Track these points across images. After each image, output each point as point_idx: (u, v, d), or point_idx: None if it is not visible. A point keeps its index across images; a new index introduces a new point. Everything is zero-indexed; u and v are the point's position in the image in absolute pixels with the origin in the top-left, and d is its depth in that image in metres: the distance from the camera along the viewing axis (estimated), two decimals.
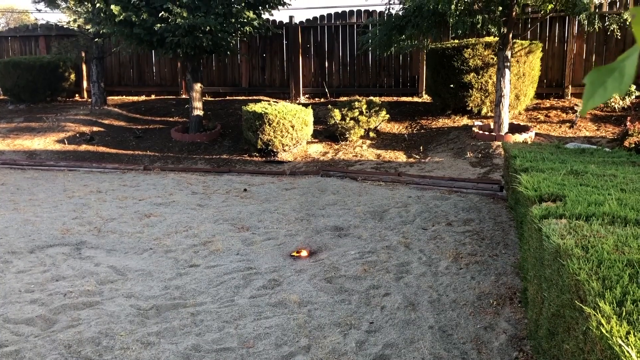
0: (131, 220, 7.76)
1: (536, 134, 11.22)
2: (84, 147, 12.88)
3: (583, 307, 2.27)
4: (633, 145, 9.97)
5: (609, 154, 7.12)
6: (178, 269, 5.95)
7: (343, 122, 11.72)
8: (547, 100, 13.26)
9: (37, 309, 4.98)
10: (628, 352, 1.81)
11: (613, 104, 11.96)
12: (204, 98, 13.56)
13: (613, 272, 2.53)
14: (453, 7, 9.30)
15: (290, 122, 11.12)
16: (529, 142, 10.29)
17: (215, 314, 4.81)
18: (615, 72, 0.95)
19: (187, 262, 6.14)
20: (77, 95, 17.11)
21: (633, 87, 11.90)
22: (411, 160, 10.93)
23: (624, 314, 2.15)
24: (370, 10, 14.58)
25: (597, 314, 2.12)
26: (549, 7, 10.06)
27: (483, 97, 12.00)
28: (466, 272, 5.58)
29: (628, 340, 1.91)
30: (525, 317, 4.58)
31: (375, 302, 4.98)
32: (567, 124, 11.78)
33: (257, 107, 11.32)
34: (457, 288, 5.23)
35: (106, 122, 14.17)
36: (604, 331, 1.98)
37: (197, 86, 12.55)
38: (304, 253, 6.25)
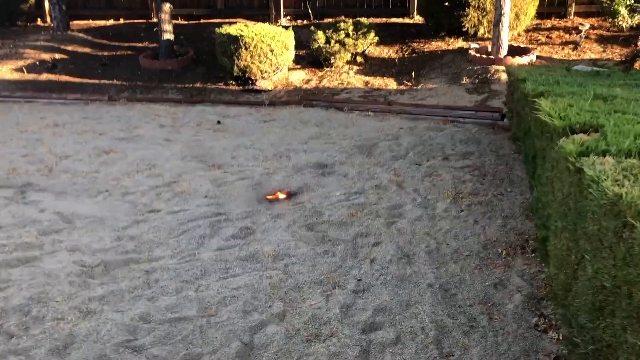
0: (88, 157, 6.86)
1: (537, 57, 10.27)
2: (45, 76, 11.76)
3: None
4: None
5: (628, 76, 6.27)
6: (135, 215, 5.13)
7: (328, 45, 10.67)
8: (549, 20, 12.22)
9: None
10: None
11: (620, 22, 10.97)
12: (175, 21, 12.38)
13: None
14: None
15: (269, 46, 10.07)
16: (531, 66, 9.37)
17: (174, 272, 4.04)
18: None
19: (147, 206, 5.32)
20: (39, 19, 15.71)
21: None
22: (402, 87, 10.00)
23: None
24: None
25: None
26: None
27: (480, 17, 10.95)
28: (468, 215, 4.82)
29: None
30: (542, 270, 3.85)
31: (364, 253, 4.23)
32: (571, 46, 10.83)
33: (232, 29, 10.22)
34: (458, 235, 4.48)
35: (69, 48, 12.96)
36: None
37: (166, 6, 11.35)
38: (282, 195, 5.45)
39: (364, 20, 11.20)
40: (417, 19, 12.92)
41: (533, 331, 3.24)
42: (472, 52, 10.29)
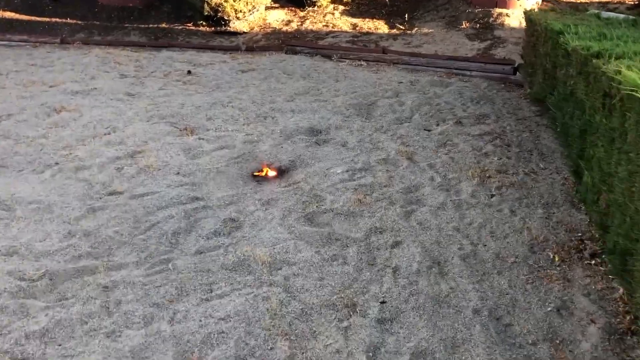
0: (34, 117, 5.75)
1: (543, 0, 9.29)
2: None
3: None
4: None
5: None
6: (91, 198, 4.14)
7: None
8: None
9: None
10: None
11: None
12: None
13: None
14: None
15: None
16: (536, 10, 8.39)
17: (141, 289, 3.11)
18: None
19: (105, 186, 4.33)
20: None
21: None
22: (394, 31, 8.94)
23: None
24: None
25: None
26: None
27: None
28: (501, 202, 3.98)
29: None
30: (612, 287, 3.05)
31: (383, 259, 3.36)
32: None
33: None
34: (495, 231, 3.64)
35: None
36: None
37: None
38: (271, 172, 4.50)
39: None
40: None
41: None
42: None
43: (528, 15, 6.10)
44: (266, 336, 2.73)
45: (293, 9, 9.89)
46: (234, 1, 8.99)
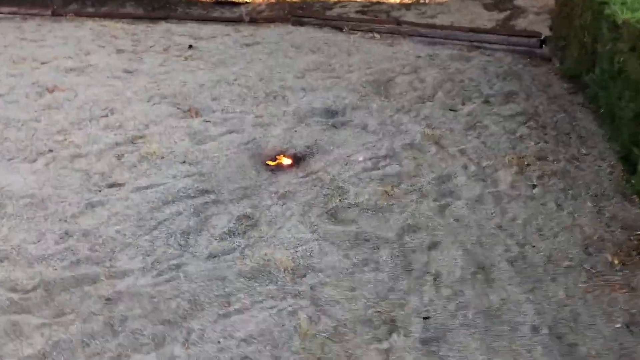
0: (25, 98, 5.31)
1: None
2: None
3: None
4: None
5: None
6: (89, 191, 3.74)
7: None
8: None
9: None
10: None
11: None
12: None
13: None
14: None
15: None
16: None
17: (148, 301, 2.73)
18: None
19: (104, 177, 3.92)
20: None
21: None
22: (407, 0, 8.43)
23: None
24: None
25: None
26: None
27: None
28: (545, 194, 3.59)
29: None
30: None
31: (420, 263, 2.98)
32: None
33: None
34: (542, 228, 3.25)
35: None
36: None
37: None
38: (286, 160, 4.09)
39: None
40: None
41: None
42: None
43: None
44: None
45: None
46: None
